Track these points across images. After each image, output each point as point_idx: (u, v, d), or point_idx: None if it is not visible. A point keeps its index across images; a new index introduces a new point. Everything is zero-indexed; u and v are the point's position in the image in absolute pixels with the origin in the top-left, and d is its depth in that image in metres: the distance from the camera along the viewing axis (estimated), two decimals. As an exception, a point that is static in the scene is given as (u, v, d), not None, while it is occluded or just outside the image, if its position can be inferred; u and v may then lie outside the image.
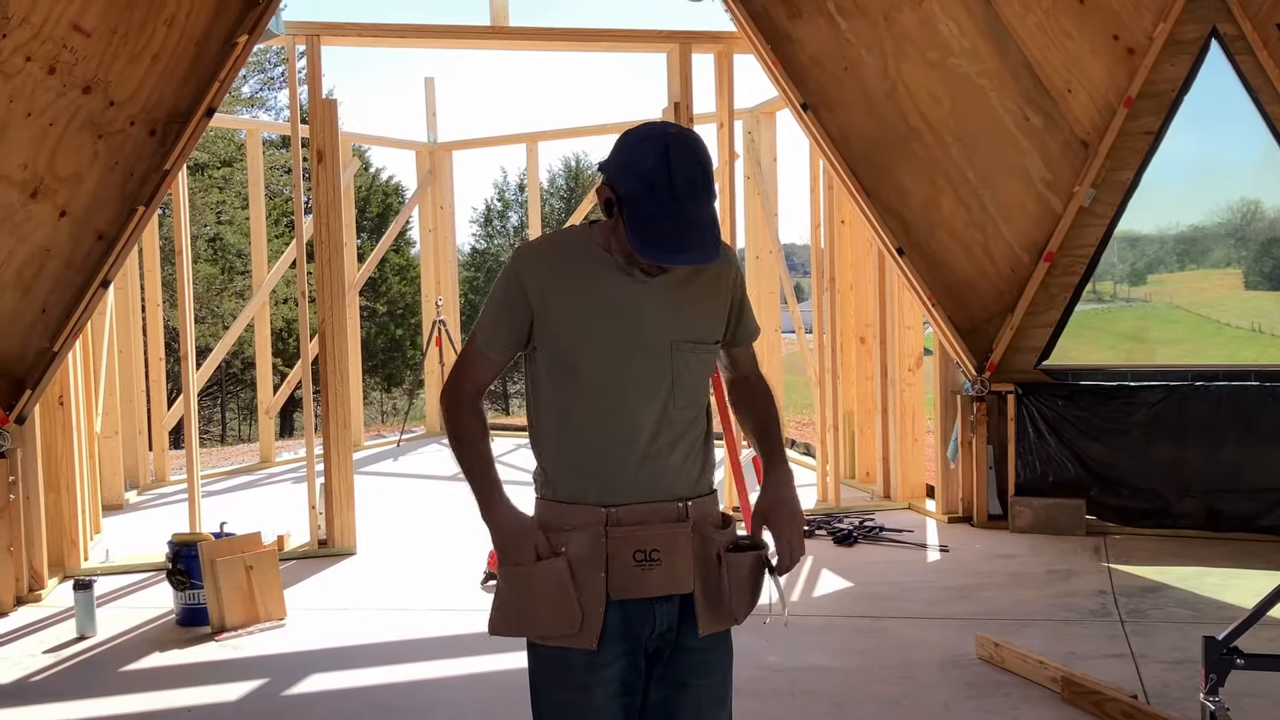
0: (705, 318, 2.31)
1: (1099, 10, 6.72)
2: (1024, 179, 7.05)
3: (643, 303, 2.23)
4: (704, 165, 2.13)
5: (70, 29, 5.74)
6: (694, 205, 2.09)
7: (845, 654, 4.87)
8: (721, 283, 2.33)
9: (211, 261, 23.49)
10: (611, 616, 2.22)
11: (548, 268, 2.25)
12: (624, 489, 2.23)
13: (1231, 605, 5.31)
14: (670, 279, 2.24)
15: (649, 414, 2.23)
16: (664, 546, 2.22)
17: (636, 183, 2.10)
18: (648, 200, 2.09)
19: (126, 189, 6.15)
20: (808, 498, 8.01)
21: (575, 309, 2.23)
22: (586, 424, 2.24)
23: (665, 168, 2.08)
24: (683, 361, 2.26)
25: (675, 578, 2.23)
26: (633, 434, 2.22)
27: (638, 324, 2.23)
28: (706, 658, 2.30)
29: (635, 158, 2.11)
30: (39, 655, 5.12)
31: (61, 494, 6.41)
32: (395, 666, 4.89)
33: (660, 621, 2.25)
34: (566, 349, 2.24)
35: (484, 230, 35.48)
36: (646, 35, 7.62)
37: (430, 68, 51.73)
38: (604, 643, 2.22)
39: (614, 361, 2.22)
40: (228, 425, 26.70)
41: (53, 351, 5.99)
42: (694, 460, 2.31)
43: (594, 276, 2.23)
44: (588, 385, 2.23)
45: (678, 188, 2.08)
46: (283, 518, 7.46)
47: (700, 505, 2.29)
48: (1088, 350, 8.84)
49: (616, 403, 2.23)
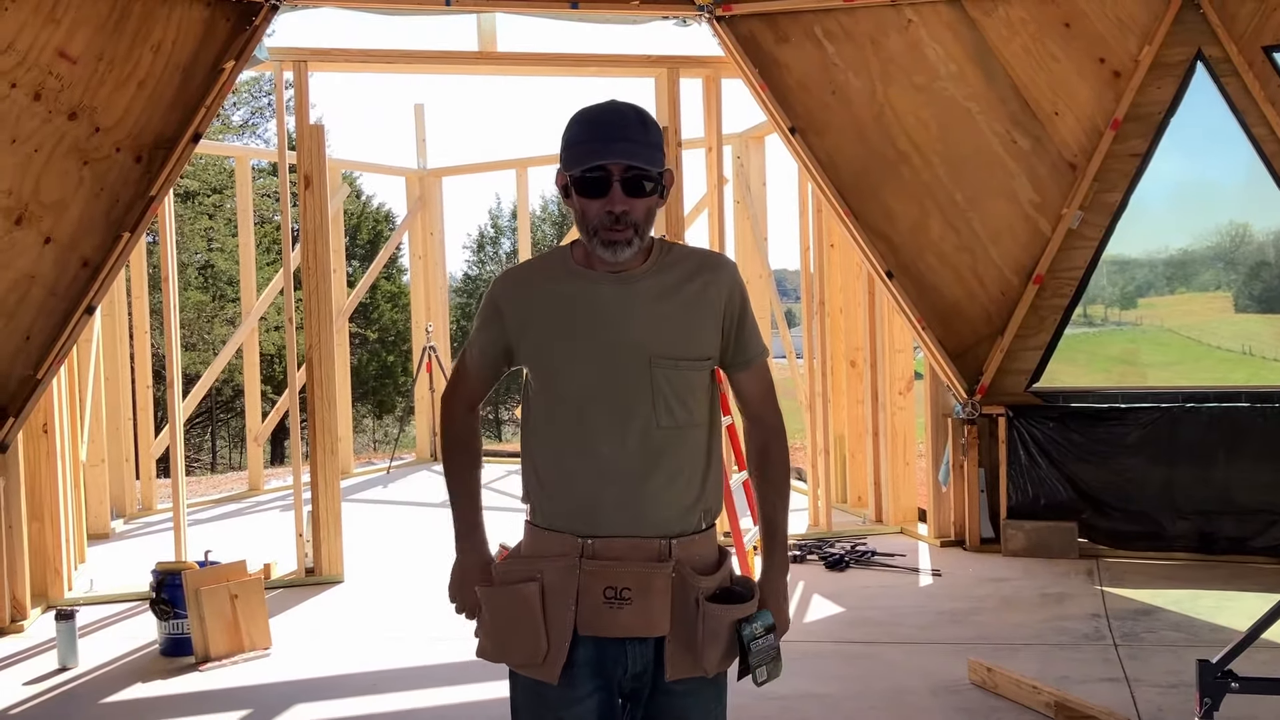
0: (689, 333, 2.22)
1: (1085, 34, 6.75)
2: (1012, 202, 7.06)
3: (621, 317, 2.19)
4: (637, 111, 2.18)
5: (56, 55, 5.73)
6: (620, 129, 2.14)
7: (836, 680, 4.82)
8: (709, 294, 2.24)
9: (202, 289, 23.46)
10: (583, 652, 2.16)
11: (524, 293, 2.26)
12: (605, 519, 2.17)
13: (1225, 628, 5.27)
14: (652, 291, 2.19)
15: (629, 435, 2.17)
16: (636, 586, 2.14)
17: (569, 133, 2.19)
18: (575, 139, 2.17)
19: (112, 215, 6.12)
20: (799, 522, 7.97)
21: (552, 330, 2.21)
22: (566, 446, 2.21)
23: (586, 115, 2.19)
24: (664, 379, 2.18)
25: (648, 619, 2.14)
26: (611, 457, 2.17)
27: (615, 340, 2.18)
28: (684, 702, 2.22)
29: (565, 134, 2.21)
30: (19, 687, 5.04)
31: (45, 523, 6.34)
32: (381, 696, 4.83)
33: (634, 663, 2.18)
34: (545, 370, 2.23)
35: (477, 256, 35.58)
36: (634, 60, 7.64)
37: (420, 94, 51.99)
38: (576, 678, 2.16)
39: (590, 379, 2.18)
40: (218, 453, 26.57)
41: (37, 379, 5.94)
42: (684, 486, 2.20)
43: (571, 295, 2.21)
44: (566, 406, 2.20)
45: (595, 119, 2.17)
46: (270, 546, 7.39)
47: (687, 545, 2.19)
48: (1079, 374, 8.84)
49: (594, 424, 2.18)
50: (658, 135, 2.18)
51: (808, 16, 7.01)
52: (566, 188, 2.20)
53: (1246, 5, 6.46)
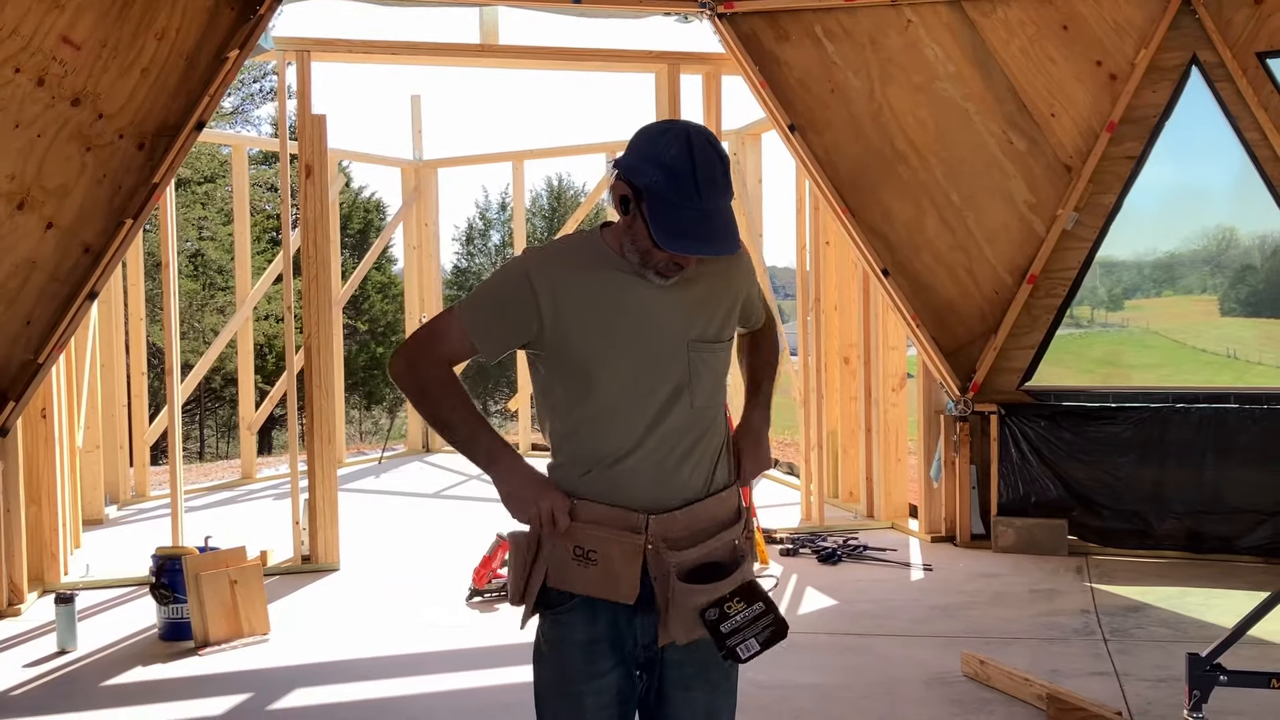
0: (719, 315, 2.32)
1: (1082, 36, 6.82)
2: (1008, 202, 7.12)
3: (657, 305, 2.23)
4: (723, 158, 2.15)
5: (60, 41, 5.74)
6: (715, 196, 2.10)
7: (830, 671, 4.88)
8: (732, 277, 2.35)
9: (193, 277, 23.39)
10: (602, 628, 2.24)
11: (561, 274, 2.22)
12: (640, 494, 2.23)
13: (1213, 624, 5.35)
14: (681, 278, 2.23)
15: (671, 416, 2.23)
16: (601, 549, 2.22)
17: (659, 173, 2.09)
18: (672, 190, 2.08)
19: (114, 202, 6.14)
20: (791, 517, 8.03)
21: (590, 315, 2.21)
22: (603, 426, 2.24)
23: (689, 156, 2.09)
24: (698, 359, 2.26)
25: (611, 584, 2.21)
26: (648, 436, 2.22)
27: (653, 327, 2.23)
28: (684, 672, 2.29)
29: (657, 149, 2.11)
30: (19, 669, 5.07)
31: (42, 507, 6.36)
32: (378, 682, 4.87)
33: (642, 634, 2.26)
34: (581, 356, 2.22)
35: (465, 249, 35.50)
36: (635, 55, 7.68)
37: (416, 85, 51.81)
38: (596, 654, 2.24)
39: (630, 366, 2.22)
40: (206, 442, 26.50)
41: (37, 364, 5.95)
42: (708, 463, 2.29)
43: (607, 281, 2.22)
44: (604, 391, 2.23)
45: (700, 177, 2.08)
46: (265, 533, 7.41)
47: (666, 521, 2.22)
48: (1064, 375, 8.91)
49: (635, 406, 2.22)
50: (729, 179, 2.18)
51: (808, 15, 7.06)
52: (626, 200, 2.15)
53: (1241, 11, 6.54)
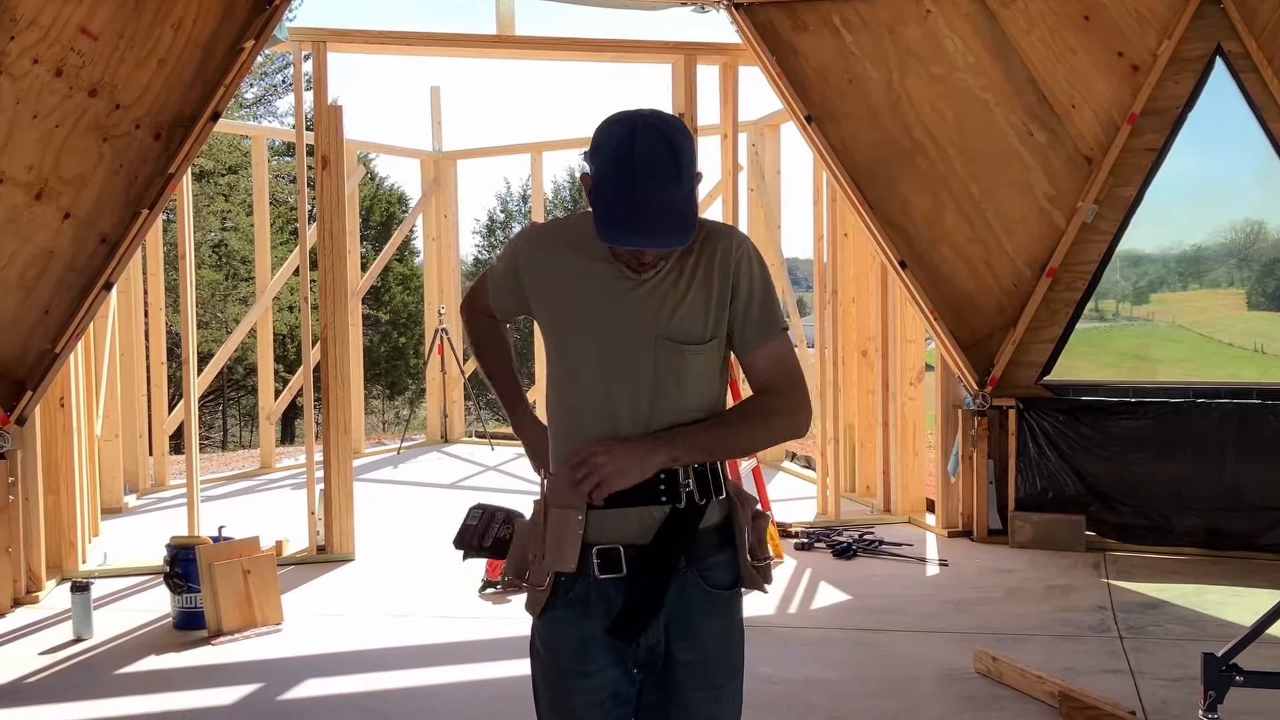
0: (692, 314, 2.19)
1: (1103, 27, 6.73)
2: (1027, 194, 7.05)
3: (630, 296, 2.19)
4: (673, 148, 2.06)
5: (77, 32, 5.76)
6: (655, 186, 2.04)
7: (842, 666, 4.86)
8: (713, 274, 2.20)
9: (216, 267, 23.54)
10: (595, 626, 2.21)
11: (541, 254, 2.29)
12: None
13: (1231, 623, 5.29)
14: (669, 274, 2.19)
15: (635, 412, 2.18)
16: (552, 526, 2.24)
17: (604, 162, 2.09)
18: (611, 179, 2.07)
19: (131, 192, 6.16)
20: (807, 510, 8.00)
21: (565, 299, 2.23)
22: (575, 413, 2.23)
23: (629, 147, 2.05)
24: (667, 360, 2.17)
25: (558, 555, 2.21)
26: (614, 430, 2.18)
27: (623, 318, 2.19)
28: (693, 671, 2.26)
29: (605, 139, 2.11)
30: (35, 657, 5.11)
31: (61, 496, 6.41)
32: (391, 673, 4.88)
33: (647, 636, 2.22)
34: (556, 337, 2.26)
35: (486, 241, 35.55)
36: (652, 46, 7.65)
37: (435, 77, 51.88)
38: (590, 652, 2.22)
39: (594, 356, 2.20)
40: (229, 431, 26.70)
41: (54, 353, 5.99)
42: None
43: (588, 266, 2.21)
44: (575, 375, 2.23)
45: (638, 169, 2.04)
46: (282, 523, 7.45)
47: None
48: (1088, 369, 8.84)
49: (600, 398, 2.20)
50: (690, 162, 2.09)
51: (826, 5, 7.01)
52: (591, 190, 2.14)
53: (1267, 1, 6.44)
